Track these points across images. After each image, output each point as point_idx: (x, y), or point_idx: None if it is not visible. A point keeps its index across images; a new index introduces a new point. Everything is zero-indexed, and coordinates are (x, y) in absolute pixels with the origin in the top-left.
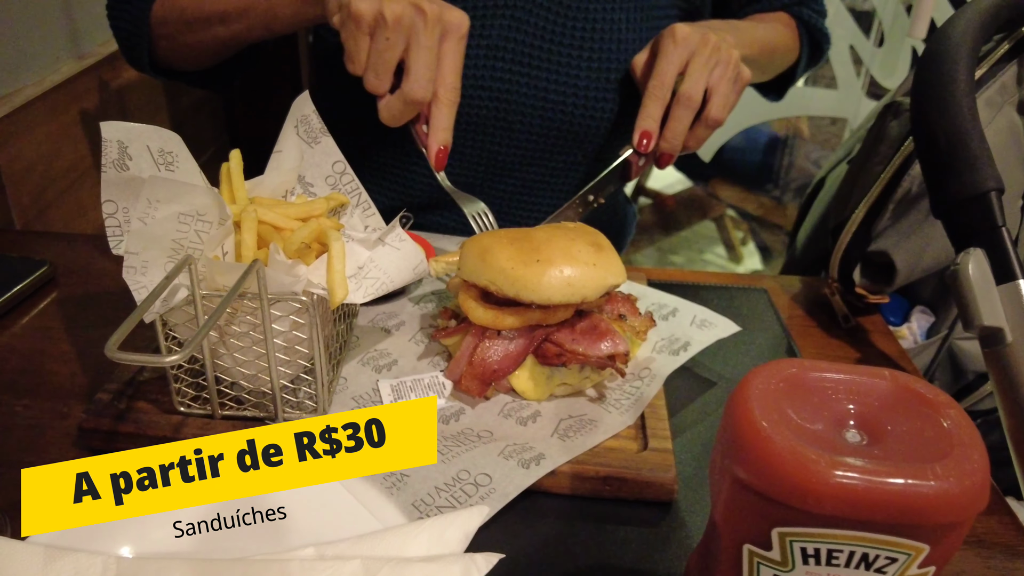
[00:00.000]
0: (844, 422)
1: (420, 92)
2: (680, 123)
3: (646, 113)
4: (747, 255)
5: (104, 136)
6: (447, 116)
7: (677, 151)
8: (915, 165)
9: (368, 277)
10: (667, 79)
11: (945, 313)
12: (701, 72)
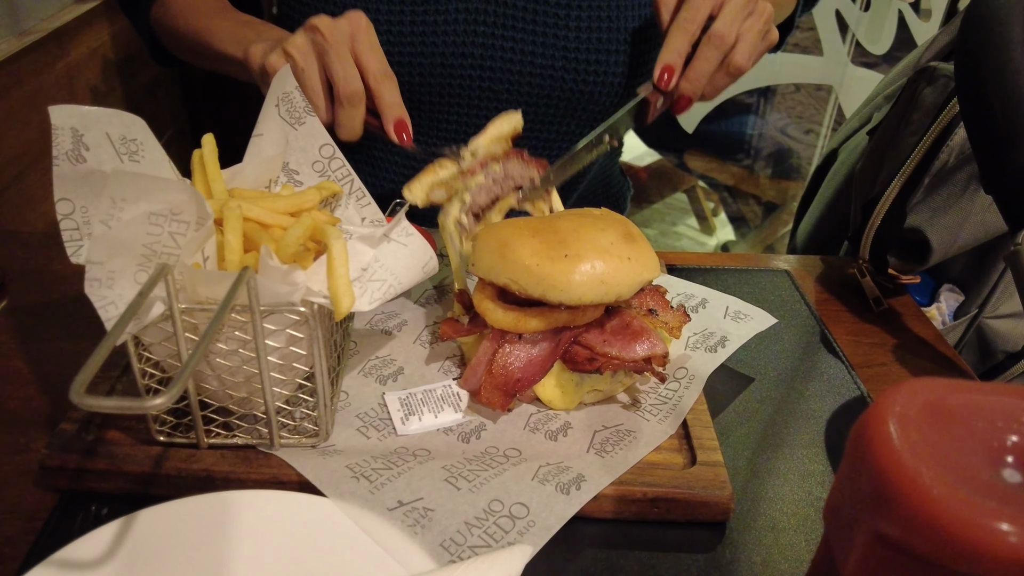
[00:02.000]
0: (1000, 458)
1: (349, 87)
2: (707, 63)
3: (671, 47)
4: (719, 225)
5: (54, 123)
6: (388, 93)
7: (698, 94)
8: (954, 135)
9: (374, 280)
10: (700, 15)
11: (976, 291)
12: (736, 15)
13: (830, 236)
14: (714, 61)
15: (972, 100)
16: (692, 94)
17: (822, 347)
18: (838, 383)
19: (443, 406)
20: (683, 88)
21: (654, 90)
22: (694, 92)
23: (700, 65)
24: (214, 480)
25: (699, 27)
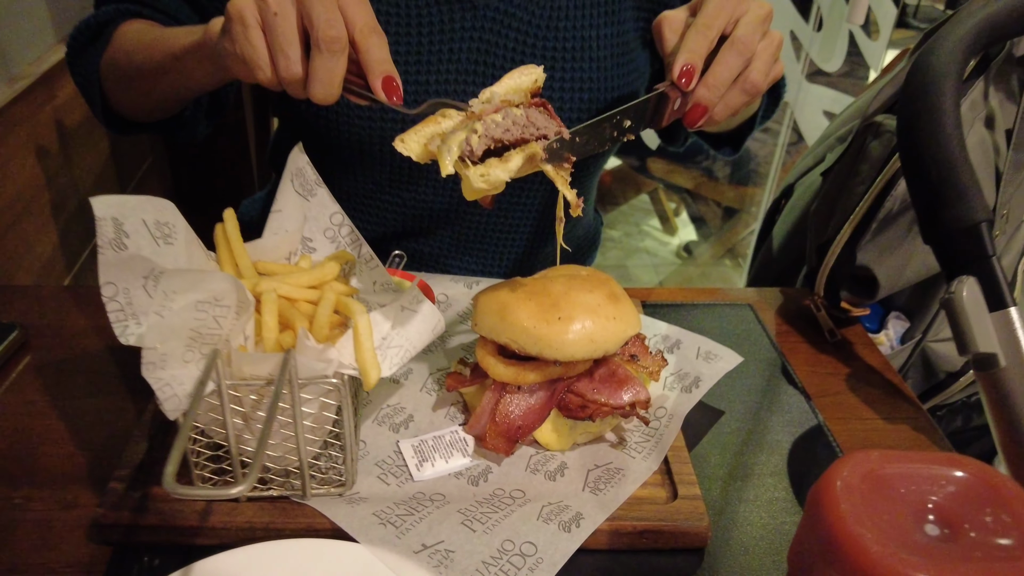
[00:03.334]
0: (923, 516)
1: (331, 30)
2: (728, 69)
3: (688, 47)
4: (681, 225)
5: (97, 214)
6: (376, 49)
7: (715, 104)
8: (897, 186)
9: (392, 347)
10: (717, 21)
11: (919, 318)
12: (756, 28)
13: (788, 265)
14: (736, 68)
15: (911, 161)
16: (710, 102)
17: (783, 379)
18: (798, 414)
19: (452, 451)
20: (701, 94)
21: (673, 88)
22: (711, 100)
23: (721, 71)
24: (255, 530)
25: (717, 33)
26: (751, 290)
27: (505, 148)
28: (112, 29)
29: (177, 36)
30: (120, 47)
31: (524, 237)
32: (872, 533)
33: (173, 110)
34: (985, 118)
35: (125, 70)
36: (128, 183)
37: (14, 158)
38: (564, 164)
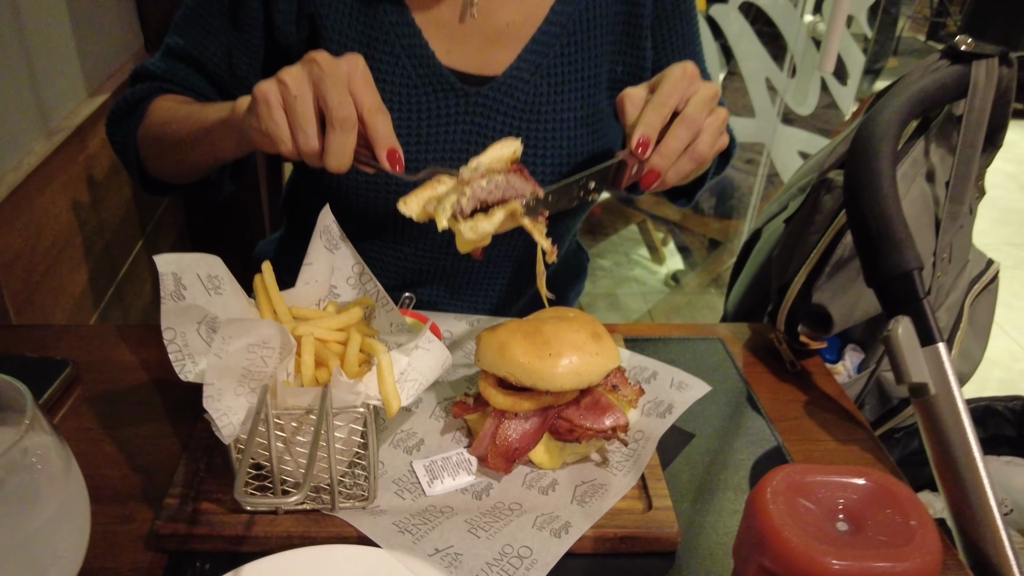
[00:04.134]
0: (834, 515)
1: (343, 111)
2: (679, 141)
3: (646, 121)
4: (669, 255)
5: (160, 270)
6: (382, 125)
7: (667, 170)
8: (847, 234)
9: (408, 380)
10: (671, 100)
11: (873, 350)
12: (703, 107)
13: (757, 302)
14: (685, 140)
15: (854, 215)
16: (662, 169)
17: (748, 405)
18: (760, 436)
19: (459, 471)
20: (655, 162)
21: (631, 156)
22: (664, 167)
23: (672, 143)
24: (292, 539)
25: (671, 110)
26: (721, 325)
27: (490, 207)
28: (147, 104)
29: (207, 112)
30: (155, 120)
31: (507, 281)
32: (794, 528)
33: (202, 175)
34: (926, 173)
35: (160, 141)
36: (147, 223)
37: (52, 206)
38: (539, 218)
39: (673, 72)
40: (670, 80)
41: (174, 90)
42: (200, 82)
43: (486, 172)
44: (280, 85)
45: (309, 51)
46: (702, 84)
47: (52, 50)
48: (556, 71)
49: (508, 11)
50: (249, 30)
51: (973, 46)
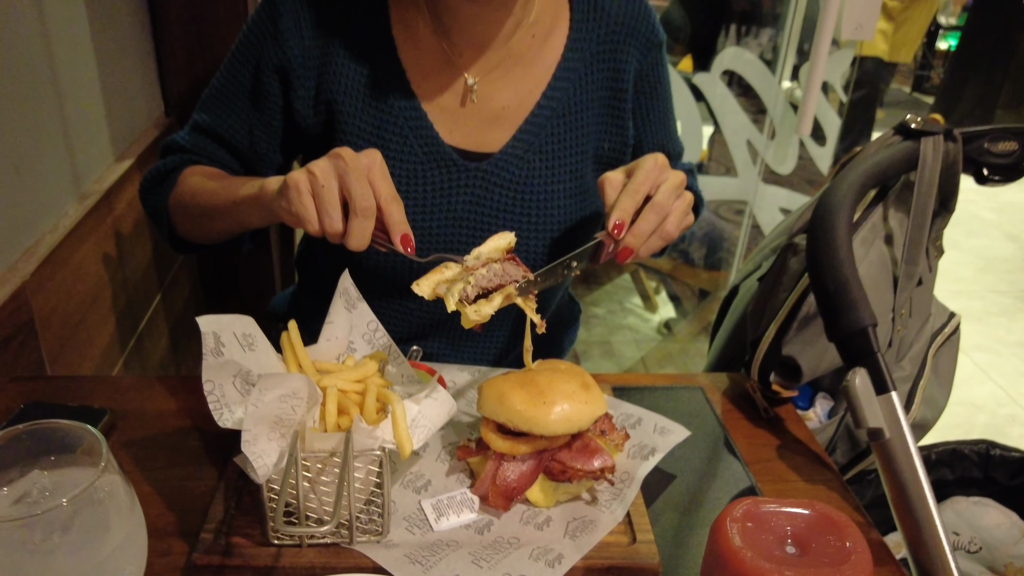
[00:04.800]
0: (784, 540)
1: (365, 203)
2: (649, 224)
3: (621, 207)
4: (661, 303)
5: (203, 329)
6: (396, 213)
7: (639, 248)
8: (811, 294)
9: (419, 427)
10: (644, 187)
11: (840, 398)
12: (669, 194)
13: (735, 354)
14: (654, 223)
15: (815, 276)
16: (635, 247)
17: (725, 449)
18: (735, 477)
19: (463, 509)
20: (628, 241)
21: (608, 237)
22: (636, 246)
23: (643, 225)
24: (315, 569)
25: (643, 197)
26: (702, 375)
27: (490, 292)
28: (177, 175)
29: (235, 187)
30: (185, 190)
31: (504, 335)
32: (748, 551)
33: (227, 238)
34: (885, 236)
35: (190, 209)
36: (165, 279)
37: (83, 264)
38: (530, 296)
39: (646, 162)
40: (643, 169)
41: (201, 162)
42: (224, 156)
43: (486, 261)
44: (310, 175)
45: (327, 134)
46: (671, 173)
47: (85, 119)
48: (547, 149)
49: (504, 96)
50: (270, 113)
51: (921, 124)
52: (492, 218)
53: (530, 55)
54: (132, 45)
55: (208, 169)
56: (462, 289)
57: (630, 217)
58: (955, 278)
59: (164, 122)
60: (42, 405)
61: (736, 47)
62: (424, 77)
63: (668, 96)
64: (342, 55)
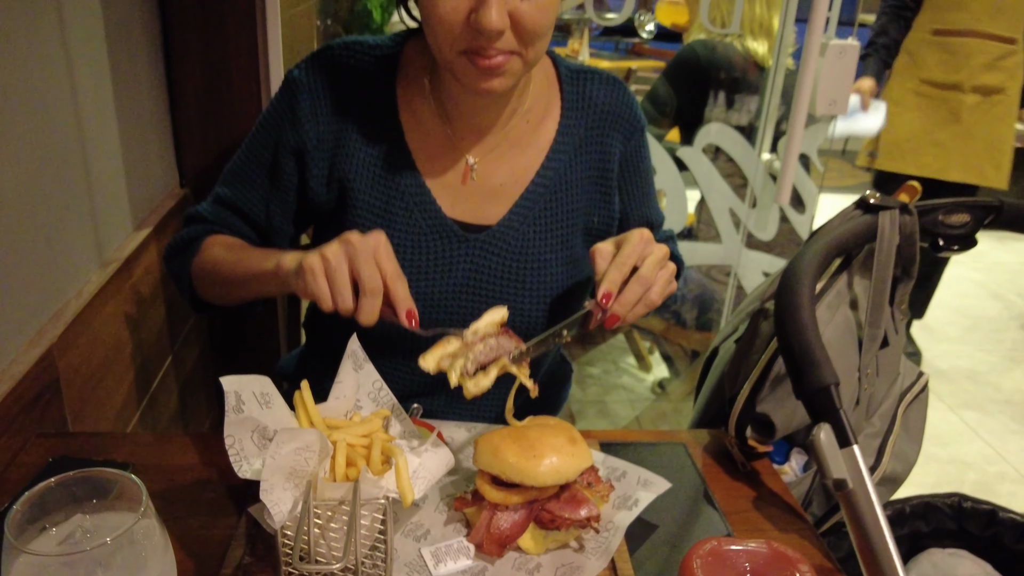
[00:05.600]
0: (743, 574)
1: (373, 284)
2: (634, 294)
3: (609, 279)
4: (655, 363)
5: (225, 388)
6: (401, 290)
7: (625, 316)
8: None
9: (419, 478)
10: (630, 260)
11: None
12: (653, 266)
13: (716, 411)
14: (639, 293)
15: (781, 339)
16: (621, 315)
17: (704, 500)
18: (713, 526)
19: (459, 556)
20: (615, 309)
21: (596, 306)
22: (622, 313)
23: (629, 295)
24: None
25: (630, 268)
26: (684, 431)
27: (486, 365)
28: (199, 243)
29: (254, 260)
30: (207, 259)
31: (500, 397)
32: None
33: (244, 303)
34: (850, 302)
35: (211, 277)
36: (176, 340)
37: (103, 328)
38: (523, 364)
39: (633, 236)
40: (630, 243)
41: (222, 232)
42: (242, 226)
43: (483, 336)
44: (323, 260)
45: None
46: (656, 247)
47: (108, 192)
48: (540, 221)
49: (502, 174)
50: (285, 190)
51: (879, 199)
52: (490, 284)
53: (525, 138)
54: (152, 121)
55: (228, 240)
56: (463, 366)
57: (617, 288)
58: (943, 337)
59: (179, 193)
60: (68, 459)
61: (717, 123)
62: (429, 158)
63: (649, 172)
64: (354, 139)
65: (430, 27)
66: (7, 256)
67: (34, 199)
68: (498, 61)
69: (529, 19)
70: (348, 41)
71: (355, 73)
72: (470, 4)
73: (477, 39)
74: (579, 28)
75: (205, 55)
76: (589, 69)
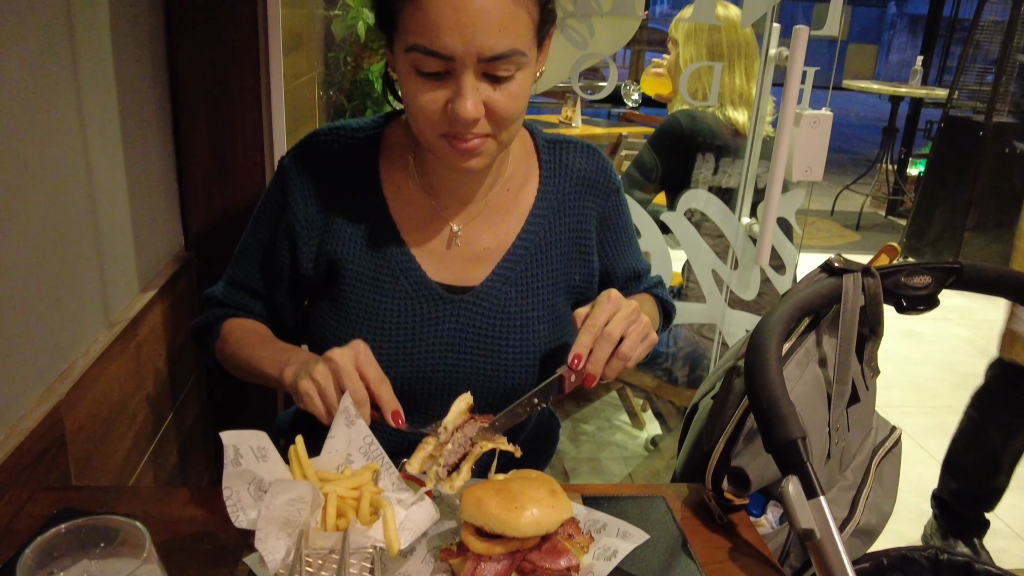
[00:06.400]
0: None
1: (358, 395)
2: (601, 352)
3: (579, 342)
4: (648, 420)
5: (225, 443)
6: (385, 393)
7: (598, 374)
8: None
9: (406, 529)
10: (599, 322)
11: None
12: (621, 322)
13: (697, 466)
14: (607, 351)
15: (751, 395)
16: (595, 373)
17: (682, 552)
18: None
19: None
20: (589, 368)
21: (568, 370)
22: (596, 372)
23: (598, 354)
24: None
25: (599, 329)
26: (665, 484)
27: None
28: (219, 326)
29: (264, 363)
30: (225, 344)
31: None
32: None
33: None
34: (819, 359)
35: (229, 361)
36: (178, 397)
37: (108, 386)
38: (496, 437)
39: (601, 299)
40: (599, 306)
41: (237, 314)
42: (253, 304)
43: (453, 430)
44: (315, 383)
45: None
46: (623, 303)
47: (116, 254)
48: (522, 282)
49: (484, 240)
50: (279, 269)
51: (843, 263)
52: (475, 342)
53: (506, 205)
54: (160, 188)
55: (242, 328)
56: (436, 471)
57: (587, 351)
58: (933, 394)
59: (184, 256)
60: (73, 511)
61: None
62: (414, 228)
63: (630, 226)
64: (341, 217)
65: (412, 114)
66: (20, 317)
67: (47, 262)
68: (474, 144)
69: (502, 107)
70: (333, 127)
71: (340, 156)
72: (447, 95)
73: (454, 125)
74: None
75: (212, 125)
76: (565, 139)
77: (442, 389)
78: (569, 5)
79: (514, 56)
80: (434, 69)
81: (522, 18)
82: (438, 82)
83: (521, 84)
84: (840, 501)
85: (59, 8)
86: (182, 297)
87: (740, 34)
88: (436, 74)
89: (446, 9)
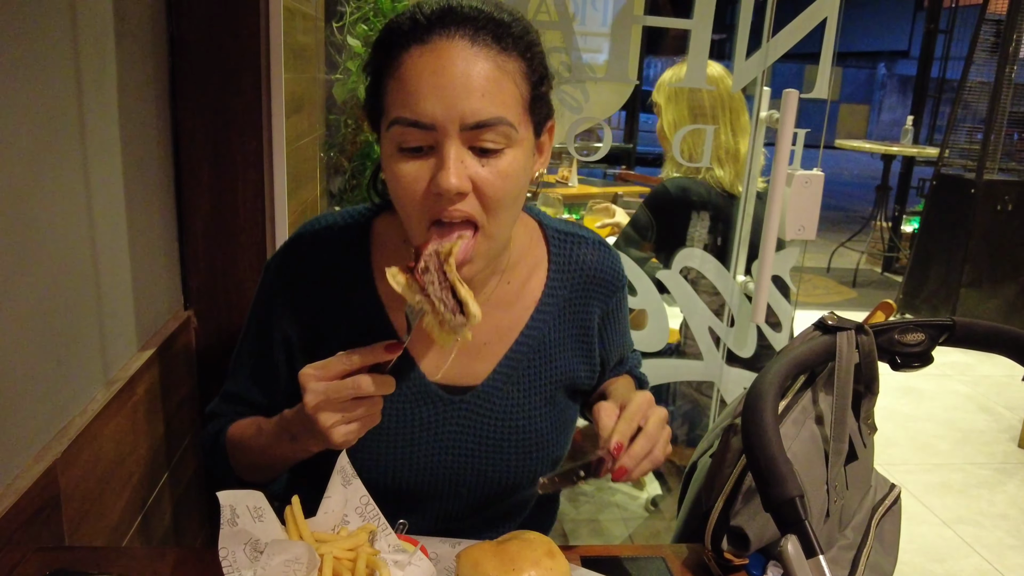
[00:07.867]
0: None
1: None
2: (642, 448)
3: (620, 431)
4: (648, 480)
5: (222, 503)
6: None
7: (632, 470)
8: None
9: None
10: (637, 416)
11: None
12: (659, 425)
13: (697, 525)
14: (646, 448)
15: (748, 453)
16: (630, 468)
17: None
18: None
19: None
20: (624, 462)
21: (608, 454)
22: (631, 466)
23: (637, 449)
24: None
25: (636, 424)
26: (665, 546)
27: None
28: (223, 439)
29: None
30: (231, 453)
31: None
32: None
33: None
34: (815, 417)
35: (238, 467)
36: (173, 457)
37: (105, 444)
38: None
39: (638, 397)
40: (636, 403)
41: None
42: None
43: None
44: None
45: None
46: (657, 409)
47: (116, 313)
48: (524, 380)
49: (485, 333)
50: (275, 379)
51: (837, 320)
52: (475, 444)
53: (509, 297)
54: (161, 248)
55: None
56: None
57: (627, 440)
58: (934, 451)
59: (183, 315)
60: (66, 572)
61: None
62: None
63: (626, 318)
64: (334, 323)
65: (397, 198)
66: (19, 374)
67: (48, 321)
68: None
69: (489, 185)
70: (317, 227)
71: (328, 257)
72: (431, 171)
73: (439, 202)
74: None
75: (214, 185)
76: (577, 233)
77: (442, 490)
78: (565, 72)
79: (500, 125)
80: (417, 143)
81: (508, 88)
82: (422, 158)
83: (512, 164)
84: (840, 560)
85: (68, 73)
86: (179, 355)
87: (722, 89)
88: (419, 149)
89: (425, 75)
